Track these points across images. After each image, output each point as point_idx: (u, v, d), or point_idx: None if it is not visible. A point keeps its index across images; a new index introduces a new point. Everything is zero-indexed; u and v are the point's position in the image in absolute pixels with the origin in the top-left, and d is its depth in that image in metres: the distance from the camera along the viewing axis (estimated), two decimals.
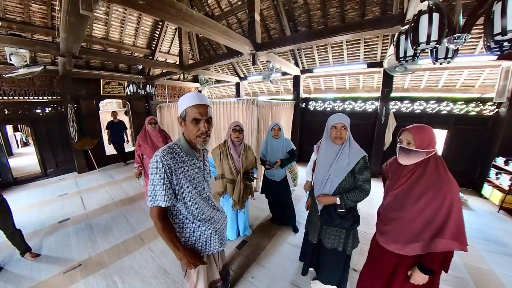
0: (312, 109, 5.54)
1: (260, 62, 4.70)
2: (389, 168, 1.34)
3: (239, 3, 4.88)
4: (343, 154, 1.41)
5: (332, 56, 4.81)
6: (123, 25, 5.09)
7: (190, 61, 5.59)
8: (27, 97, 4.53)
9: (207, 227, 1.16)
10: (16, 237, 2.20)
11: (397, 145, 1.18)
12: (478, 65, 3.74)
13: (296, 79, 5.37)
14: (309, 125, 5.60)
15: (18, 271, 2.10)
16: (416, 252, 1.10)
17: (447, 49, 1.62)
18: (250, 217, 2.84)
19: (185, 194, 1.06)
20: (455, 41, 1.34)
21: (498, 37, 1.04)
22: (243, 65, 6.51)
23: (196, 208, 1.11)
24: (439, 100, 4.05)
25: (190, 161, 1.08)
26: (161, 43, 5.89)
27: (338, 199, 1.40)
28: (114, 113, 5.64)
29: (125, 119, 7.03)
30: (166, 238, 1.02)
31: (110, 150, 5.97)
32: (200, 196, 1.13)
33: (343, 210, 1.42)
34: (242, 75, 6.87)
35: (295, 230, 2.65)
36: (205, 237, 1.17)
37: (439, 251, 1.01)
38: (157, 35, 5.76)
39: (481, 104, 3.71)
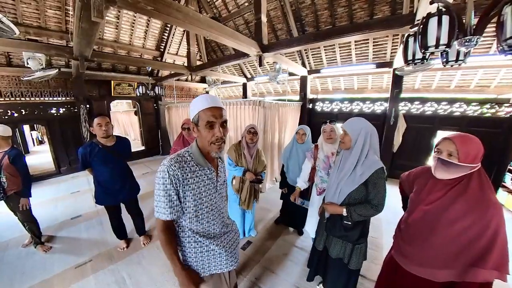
0: (319, 110, 5.49)
1: (267, 63, 4.71)
2: (413, 179, 1.21)
3: (246, 4, 4.90)
4: (352, 163, 1.31)
5: (340, 56, 4.74)
6: (133, 28, 5.23)
7: (198, 62, 5.66)
8: (42, 98, 4.74)
9: (216, 244, 1.05)
10: (32, 226, 2.35)
11: (434, 155, 1.01)
12: (494, 65, 3.59)
13: (303, 80, 5.33)
14: (316, 126, 5.54)
15: (34, 264, 2.21)
16: (448, 279, 0.97)
17: (458, 52, 1.57)
18: (255, 218, 2.86)
19: (192, 208, 0.97)
20: (466, 44, 1.29)
21: (510, 41, 1.00)
22: (250, 66, 6.52)
23: (202, 224, 1.02)
24: (451, 101, 3.92)
25: (201, 171, 0.98)
26: (170, 45, 6.01)
27: (344, 210, 1.31)
28: (101, 121, 1.95)
29: (135, 119, 7.12)
30: (167, 251, 0.96)
31: None
32: (211, 211, 1.03)
33: (350, 223, 1.33)
34: (249, 76, 6.89)
35: (300, 233, 2.65)
36: (213, 255, 1.06)
37: (478, 282, 0.90)
38: (165, 37, 5.88)
39: (496, 106, 3.55)
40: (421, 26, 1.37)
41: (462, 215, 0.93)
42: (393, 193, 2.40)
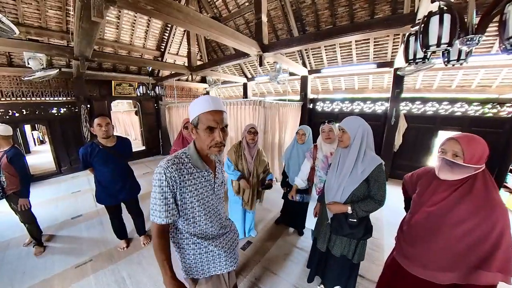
0: (320, 110, 5.48)
1: (267, 62, 4.72)
2: (416, 180, 1.20)
3: (247, 4, 4.90)
4: (352, 161, 1.33)
5: (341, 56, 4.73)
6: (133, 28, 5.23)
7: (198, 62, 5.66)
8: (43, 98, 4.75)
9: (214, 245, 1.04)
10: (31, 227, 2.36)
11: (438, 155, 0.99)
12: (496, 64, 3.57)
13: (304, 80, 5.32)
14: (316, 126, 5.52)
15: (34, 264, 2.21)
16: (451, 282, 0.96)
17: (460, 51, 1.56)
18: (255, 218, 2.85)
19: (188, 211, 0.96)
20: (468, 42, 1.28)
21: None
22: (250, 65, 6.52)
23: (200, 226, 1.00)
24: (452, 101, 3.90)
25: (199, 173, 0.96)
26: (170, 44, 6.01)
27: (349, 208, 1.33)
28: (101, 121, 1.93)
29: (135, 119, 7.11)
30: (158, 258, 0.91)
31: None
32: (209, 213, 1.02)
33: (355, 220, 1.35)
34: (249, 76, 6.89)
35: (300, 233, 2.64)
36: (212, 256, 1.04)
37: (482, 285, 0.89)
38: (166, 37, 5.88)
39: (498, 106, 3.54)
40: (423, 24, 1.36)
41: (467, 216, 0.91)
42: (393, 193, 2.39)
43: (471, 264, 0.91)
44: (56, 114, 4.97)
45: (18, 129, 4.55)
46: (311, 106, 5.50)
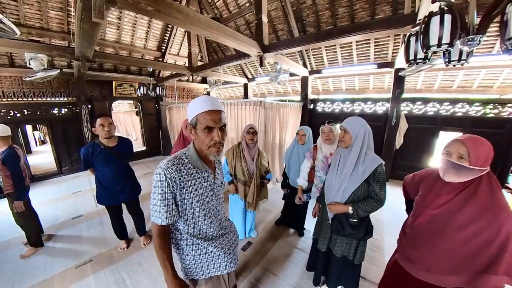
0: (320, 110, 5.47)
1: (268, 63, 4.72)
2: (418, 182, 1.19)
3: (247, 4, 4.90)
4: (354, 161, 1.33)
5: (341, 56, 4.73)
6: (134, 29, 5.24)
7: (199, 63, 5.67)
8: (44, 98, 4.77)
9: (214, 246, 1.04)
10: (27, 229, 2.34)
11: (443, 157, 0.98)
12: (497, 65, 3.56)
13: (304, 80, 5.32)
14: (317, 127, 5.52)
15: (34, 264, 2.21)
16: (456, 285, 0.94)
17: (461, 51, 1.56)
18: (256, 219, 2.84)
19: (188, 211, 0.96)
20: (469, 43, 1.28)
21: None
22: (251, 66, 6.53)
23: (200, 226, 1.00)
24: (453, 102, 3.88)
25: (199, 174, 0.96)
26: (171, 45, 6.02)
27: (350, 208, 1.34)
28: (104, 122, 1.94)
29: (136, 120, 7.12)
30: (160, 257, 0.93)
31: None
32: (208, 214, 1.01)
33: (356, 220, 1.35)
34: (250, 76, 6.90)
35: (301, 234, 2.63)
36: (212, 256, 1.04)
37: None
38: (167, 38, 5.89)
39: (499, 106, 3.52)
40: (423, 25, 1.35)
41: (472, 219, 0.90)
42: (394, 194, 2.38)
43: (477, 268, 0.89)
44: (57, 115, 4.98)
45: (19, 129, 4.56)
46: (311, 106, 5.49)
